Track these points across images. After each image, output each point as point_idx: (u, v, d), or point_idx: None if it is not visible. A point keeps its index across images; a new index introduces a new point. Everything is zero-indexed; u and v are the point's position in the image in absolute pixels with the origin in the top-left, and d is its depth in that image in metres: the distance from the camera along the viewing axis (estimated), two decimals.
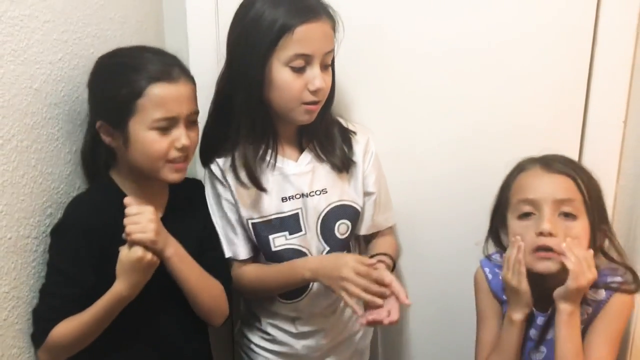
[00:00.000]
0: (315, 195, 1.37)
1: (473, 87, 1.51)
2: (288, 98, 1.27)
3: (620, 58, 1.44)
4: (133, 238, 1.10)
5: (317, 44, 1.24)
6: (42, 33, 1.12)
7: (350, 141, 1.42)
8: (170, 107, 1.15)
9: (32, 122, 1.11)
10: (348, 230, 1.40)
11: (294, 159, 1.38)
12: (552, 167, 1.27)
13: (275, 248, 1.36)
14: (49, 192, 1.17)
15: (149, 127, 1.15)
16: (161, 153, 1.17)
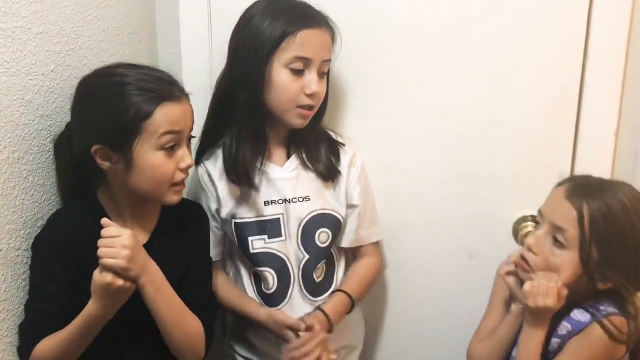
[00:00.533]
0: (298, 202, 1.38)
1: (464, 98, 1.52)
2: (285, 100, 1.30)
3: (611, 70, 1.45)
4: (103, 263, 1.04)
5: (317, 50, 1.29)
6: (35, 45, 1.12)
7: (338, 151, 1.44)
8: (177, 126, 1.13)
9: (24, 134, 1.11)
10: (329, 240, 1.41)
11: (279, 165, 1.40)
12: (572, 193, 1.19)
13: (254, 250, 1.38)
14: (40, 204, 1.17)
15: (157, 148, 1.12)
16: (168, 176, 1.14)
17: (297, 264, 1.40)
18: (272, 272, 1.39)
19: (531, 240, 1.22)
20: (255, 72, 1.29)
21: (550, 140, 1.51)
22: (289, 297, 1.40)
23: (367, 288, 1.49)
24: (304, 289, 1.41)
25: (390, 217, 1.57)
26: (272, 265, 1.39)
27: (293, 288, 1.40)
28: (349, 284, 1.45)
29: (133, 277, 1.07)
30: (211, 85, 1.54)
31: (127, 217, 1.20)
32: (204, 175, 1.40)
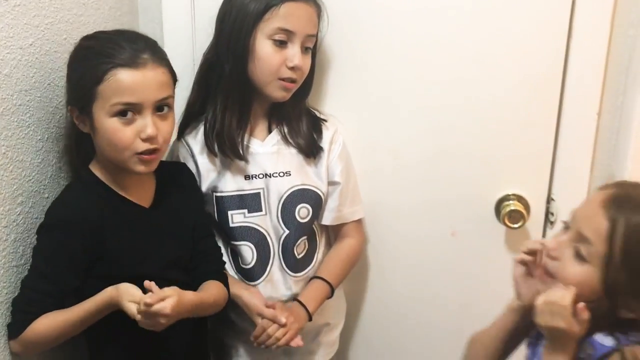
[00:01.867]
0: (279, 176, 1.39)
1: (447, 77, 1.51)
2: (267, 71, 1.31)
3: (594, 50, 1.46)
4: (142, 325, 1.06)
5: (301, 23, 1.30)
6: (12, 17, 1.09)
7: (320, 127, 1.44)
8: (131, 93, 1.10)
9: (2, 109, 1.08)
10: (309, 215, 1.42)
11: (261, 139, 1.41)
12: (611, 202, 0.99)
13: (233, 224, 1.39)
14: (19, 180, 1.15)
15: (109, 114, 1.10)
16: (125, 143, 1.12)
17: (276, 238, 1.41)
18: (251, 246, 1.40)
19: (552, 244, 1.05)
20: (239, 43, 1.30)
21: (533, 119, 1.52)
22: (267, 271, 1.41)
23: (346, 272, 1.50)
24: (284, 264, 1.42)
25: (373, 195, 1.57)
26: (251, 239, 1.40)
27: (272, 262, 1.41)
28: (327, 270, 1.46)
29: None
30: (193, 59, 1.53)
31: (126, 186, 1.20)
32: (184, 150, 1.40)
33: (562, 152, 1.52)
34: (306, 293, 1.42)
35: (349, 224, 1.50)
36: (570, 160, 1.53)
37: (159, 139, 1.14)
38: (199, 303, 1.18)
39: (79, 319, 1.09)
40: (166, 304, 1.04)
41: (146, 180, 1.24)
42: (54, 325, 1.10)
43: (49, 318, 1.10)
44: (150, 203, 1.23)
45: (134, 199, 1.21)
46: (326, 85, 1.54)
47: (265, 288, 1.41)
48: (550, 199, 1.56)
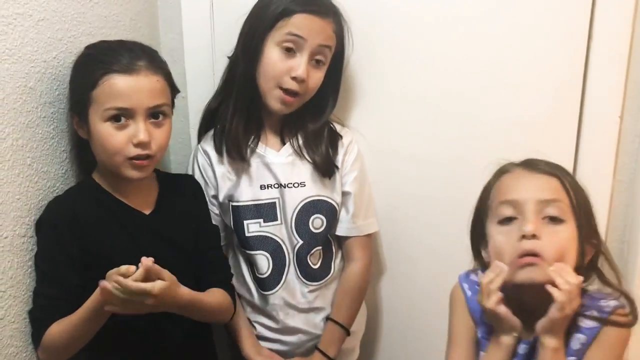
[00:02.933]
0: (293, 187, 1.40)
1: (467, 83, 1.51)
2: (269, 76, 1.32)
3: (616, 53, 1.44)
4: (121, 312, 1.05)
5: (312, 32, 1.30)
6: (36, 31, 1.11)
7: (336, 144, 1.44)
8: (123, 98, 1.11)
9: (27, 121, 1.11)
10: (323, 226, 1.42)
11: (276, 149, 1.42)
12: (536, 168, 1.13)
13: (249, 234, 1.40)
14: (44, 190, 1.17)
15: (103, 119, 1.11)
16: (116, 148, 1.13)
17: (291, 248, 1.42)
18: (267, 255, 1.41)
19: (530, 227, 1.04)
20: (251, 46, 1.32)
21: (554, 123, 1.50)
22: (283, 280, 1.42)
23: (358, 305, 1.49)
24: (299, 273, 1.42)
25: (393, 202, 1.57)
26: (267, 248, 1.41)
27: (288, 271, 1.42)
28: (339, 311, 1.46)
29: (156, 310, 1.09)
30: (213, 69, 1.55)
31: (126, 192, 1.21)
32: (202, 159, 1.42)
33: (584, 155, 1.50)
34: (324, 340, 1.45)
35: (357, 239, 1.48)
36: (592, 164, 1.50)
37: (152, 146, 1.15)
38: (196, 301, 1.17)
39: (83, 319, 1.09)
40: (154, 284, 1.03)
41: (147, 188, 1.25)
42: (62, 330, 1.10)
43: (60, 323, 1.10)
44: (151, 210, 1.24)
45: (133, 205, 1.22)
46: (346, 90, 1.54)
47: (282, 296, 1.42)
48: None
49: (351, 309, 1.47)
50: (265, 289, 1.42)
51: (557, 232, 1.05)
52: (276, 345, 1.46)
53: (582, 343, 1.07)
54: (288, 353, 1.47)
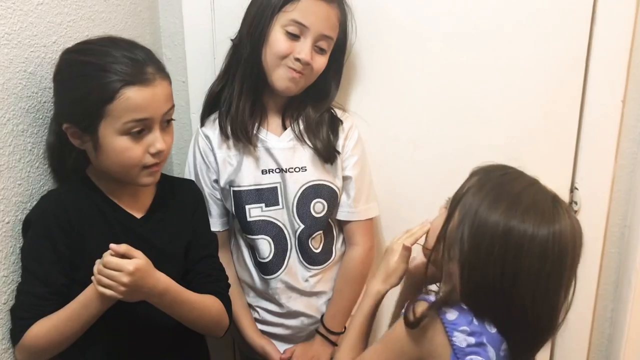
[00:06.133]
0: (294, 171, 1.40)
1: (470, 68, 1.50)
2: (274, 55, 1.32)
3: (618, 37, 1.43)
4: (98, 290, 1.02)
5: (316, 20, 1.31)
6: (35, 16, 1.11)
7: (337, 129, 1.44)
8: (142, 110, 1.07)
9: (27, 106, 1.11)
10: (324, 210, 1.42)
11: (277, 134, 1.42)
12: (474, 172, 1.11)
13: (251, 218, 1.40)
14: (45, 176, 1.17)
15: (120, 133, 1.07)
16: (135, 161, 1.10)
17: (293, 232, 1.42)
18: (269, 240, 1.41)
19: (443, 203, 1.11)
20: (258, 29, 1.32)
21: (556, 107, 1.50)
22: (285, 264, 1.42)
23: (360, 290, 1.48)
24: (301, 257, 1.43)
25: (391, 188, 1.57)
26: (269, 233, 1.41)
27: (290, 255, 1.42)
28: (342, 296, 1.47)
29: (137, 300, 1.06)
30: (213, 53, 1.54)
31: (120, 193, 1.17)
32: (203, 143, 1.42)
33: (586, 140, 1.50)
34: (326, 324, 1.47)
35: (358, 224, 1.48)
36: (594, 149, 1.51)
37: (165, 152, 1.14)
38: (176, 292, 1.11)
39: (68, 318, 1.06)
40: (129, 262, 1.01)
41: (143, 191, 1.21)
42: (46, 329, 1.06)
43: (43, 322, 1.07)
44: (143, 214, 1.20)
45: (126, 207, 1.18)
46: (347, 77, 1.53)
47: (284, 280, 1.43)
48: (573, 188, 1.55)
49: (352, 294, 1.48)
50: (267, 273, 1.43)
51: (439, 218, 1.11)
52: (279, 329, 1.48)
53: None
54: (290, 337, 1.48)
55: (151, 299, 1.08)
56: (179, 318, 1.15)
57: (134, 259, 1.02)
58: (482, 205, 0.98)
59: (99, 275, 1.02)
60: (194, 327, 1.20)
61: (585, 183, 1.53)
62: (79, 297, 1.06)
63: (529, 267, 0.93)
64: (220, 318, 1.23)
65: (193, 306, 1.16)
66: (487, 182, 1.03)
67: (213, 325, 1.23)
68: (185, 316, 1.16)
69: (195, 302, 1.17)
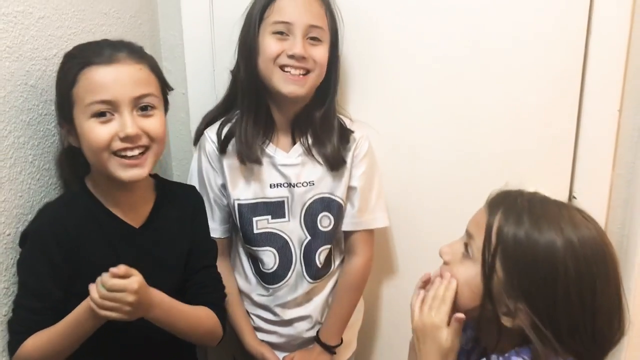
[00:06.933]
0: (302, 186, 1.40)
1: (469, 77, 1.51)
2: (267, 60, 1.31)
3: (614, 47, 1.44)
4: (102, 314, 1.00)
5: (297, 14, 1.30)
6: (36, 29, 1.12)
7: (347, 139, 1.42)
8: (104, 90, 1.04)
9: (29, 119, 1.12)
10: (331, 224, 1.42)
11: (285, 150, 1.41)
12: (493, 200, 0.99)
13: (257, 230, 1.40)
14: (46, 187, 1.18)
15: (87, 116, 1.04)
16: (100, 143, 1.05)
17: (299, 244, 1.42)
18: (274, 251, 1.41)
19: (444, 248, 1.02)
20: (247, 45, 1.33)
21: (554, 117, 1.51)
22: (288, 276, 1.42)
23: (358, 299, 1.51)
24: (305, 270, 1.42)
25: (391, 195, 1.56)
26: (274, 245, 1.40)
27: (294, 268, 1.42)
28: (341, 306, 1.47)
29: (136, 318, 1.04)
30: (213, 65, 1.55)
31: (118, 202, 1.16)
32: (210, 146, 1.40)
33: (584, 149, 1.51)
34: (324, 331, 1.46)
35: (361, 234, 1.47)
36: (591, 158, 1.52)
37: (142, 139, 1.08)
38: (176, 309, 1.12)
39: (62, 333, 1.05)
40: (133, 280, 0.99)
41: (142, 198, 1.19)
42: (40, 343, 1.05)
43: (37, 336, 1.06)
44: (141, 223, 1.18)
45: (124, 216, 1.16)
46: (346, 83, 1.54)
47: (284, 291, 1.43)
48: (572, 197, 1.55)
49: (351, 303, 1.49)
50: (269, 282, 1.43)
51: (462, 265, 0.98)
52: (273, 337, 1.48)
53: None
54: (285, 345, 1.48)
55: (147, 314, 1.07)
56: (171, 330, 1.14)
57: (134, 277, 1.00)
58: (527, 238, 0.89)
59: (102, 300, 0.99)
60: (187, 338, 1.19)
61: (583, 192, 1.54)
62: (73, 313, 1.04)
63: (597, 272, 0.89)
64: (213, 329, 1.22)
65: (186, 318, 1.15)
66: (519, 213, 0.93)
67: (206, 336, 1.22)
68: (178, 328, 1.14)
69: (188, 314, 1.16)
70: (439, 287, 0.98)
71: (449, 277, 0.98)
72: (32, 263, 1.08)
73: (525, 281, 0.90)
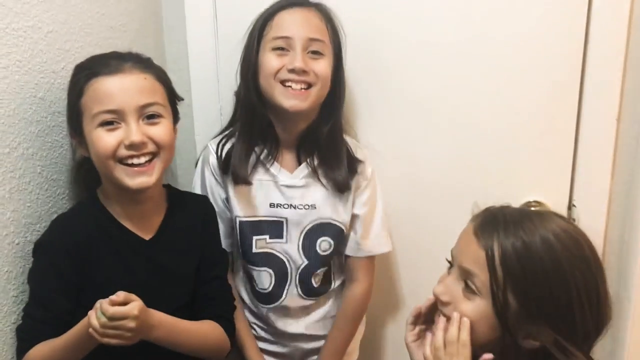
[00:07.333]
0: (304, 209, 1.38)
1: (467, 87, 1.53)
2: (267, 75, 1.30)
3: (612, 56, 1.46)
4: (104, 342, 0.99)
5: (296, 28, 1.30)
6: (45, 43, 1.15)
7: (355, 167, 1.41)
8: (110, 100, 1.06)
9: (37, 130, 1.14)
10: (330, 249, 1.41)
11: (290, 170, 1.39)
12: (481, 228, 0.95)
13: (256, 250, 1.39)
14: (54, 198, 1.20)
15: (95, 126, 1.07)
16: (107, 151, 1.07)
17: (295, 267, 1.40)
18: (271, 272, 1.40)
19: (439, 288, 0.97)
20: (249, 63, 1.34)
21: (552, 125, 1.53)
22: (283, 296, 1.41)
23: (358, 325, 1.51)
24: (300, 290, 1.42)
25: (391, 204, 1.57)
26: (271, 265, 1.40)
27: (289, 288, 1.41)
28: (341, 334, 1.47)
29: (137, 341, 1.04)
30: (217, 77, 1.58)
31: (129, 213, 1.16)
32: (213, 158, 1.39)
33: (582, 157, 1.53)
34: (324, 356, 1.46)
35: (362, 260, 1.46)
36: (590, 166, 1.53)
37: (148, 146, 1.09)
38: (179, 328, 1.12)
39: (64, 347, 1.05)
40: (133, 306, 0.99)
41: (152, 209, 1.19)
42: (42, 354, 1.06)
43: (42, 346, 1.06)
44: (152, 235, 1.18)
45: (134, 228, 1.17)
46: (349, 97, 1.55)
47: (280, 310, 1.43)
48: (571, 205, 1.57)
49: (351, 331, 1.49)
50: (264, 302, 1.43)
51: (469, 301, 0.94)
52: (275, 347, 1.48)
53: None
54: (288, 355, 1.48)
55: (148, 337, 1.06)
56: (175, 349, 1.13)
57: (134, 303, 1.00)
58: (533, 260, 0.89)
59: (104, 329, 0.98)
60: (192, 354, 1.18)
61: (583, 200, 1.55)
62: (75, 330, 1.04)
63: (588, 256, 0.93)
64: (218, 344, 1.22)
65: (189, 336, 1.14)
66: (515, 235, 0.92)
67: (212, 351, 1.22)
68: (182, 346, 1.14)
69: (190, 331, 1.15)
70: (451, 329, 0.93)
71: (459, 317, 0.94)
72: (41, 273, 1.10)
73: (542, 305, 0.89)
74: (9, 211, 1.07)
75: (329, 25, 1.35)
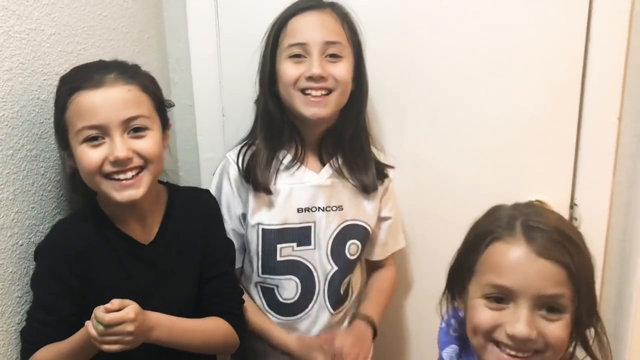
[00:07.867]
0: (332, 210, 1.35)
1: (467, 85, 1.54)
2: (286, 84, 1.27)
3: (613, 55, 1.46)
4: (104, 349, 0.99)
5: (311, 32, 1.26)
6: (48, 45, 1.15)
7: (386, 174, 1.41)
8: (93, 115, 1.03)
9: (40, 132, 1.15)
10: (358, 251, 1.39)
11: (316, 170, 1.36)
12: (542, 248, 0.90)
13: (281, 258, 1.34)
14: (57, 199, 1.21)
15: (79, 142, 1.05)
16: (92, 167, 1.05)
17: (323, 274, 1.37)
18: (297, 281, 1.36)
19: (524, 328, 0.89)
20: (266, 73, 1.31)
21: (554, 125, 1.53)
22: (310, 307, 1.37)
23: (388, 304, 1.51)
24: (327, 300, 1.38)
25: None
26: (297, 274, 1.35)
27: (316, 299, 1.37)
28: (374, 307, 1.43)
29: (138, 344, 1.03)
30: (219, 78, 1.58)
31: (126, 218, 1.15)
32: (234, 171, 1.34)
33: (584, 157, 1.53)
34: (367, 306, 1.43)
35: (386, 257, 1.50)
36: (592, 165, 1.53)
37: (134, 160, 1.06)
38: (180, 327, 1.11)
39: (69, 352, 1.05)
40: (128, 310, 0.98)
41: (150, 213, 1.18)
42: (47, 357, 1.06)
43: (47, 349, 1.07)
44: (151, 239, 1.17)
45: (132, 233, 1.16)
46: None
47: (303, 324, 1.38)
48: (573, 205, 1.57)
49: (389, 296, 1.49)
50: (288, 314, 1.37)
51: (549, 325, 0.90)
52: None
53: None
54: None
55: (148, 338, 1.05)
56: (178, 347, 1.12)
57: (129, 306, 0.99)
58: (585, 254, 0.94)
59: (102, 337, 0.98)
60: (198, 351, 1.17)
61: (585, 199, 1.55)
62: (79, 333, 1.04)
63: None
64: (225, 339, 1.20)
65: (193, 333, 1.13)
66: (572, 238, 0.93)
67: (220, 347, 1.21)
68: (185, 344, 1.13)
69: (192, 328, 1.14)
70: None
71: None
72: (42, 278, 1.10)
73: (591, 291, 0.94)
74: (12, 212, 1.07)
75: (346, 25, 1.31)
